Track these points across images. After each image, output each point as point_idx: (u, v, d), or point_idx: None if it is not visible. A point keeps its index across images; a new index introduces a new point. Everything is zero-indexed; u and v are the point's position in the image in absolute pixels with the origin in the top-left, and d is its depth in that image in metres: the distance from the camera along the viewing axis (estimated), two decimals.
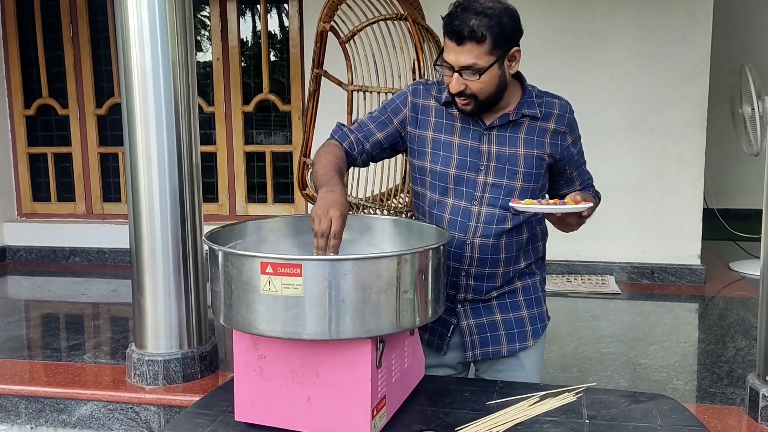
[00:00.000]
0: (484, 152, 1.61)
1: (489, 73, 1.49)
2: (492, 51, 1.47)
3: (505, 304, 1.70)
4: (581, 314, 3.62)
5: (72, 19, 4.93)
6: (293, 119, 4.81)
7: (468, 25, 1.44)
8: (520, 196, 1.61)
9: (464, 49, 1.47)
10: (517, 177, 1.60)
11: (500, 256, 1.65)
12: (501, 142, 1.61)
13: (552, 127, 1.62)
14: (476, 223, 1.62)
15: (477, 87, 1.51)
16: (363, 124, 1.70)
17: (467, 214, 1.62)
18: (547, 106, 1.63)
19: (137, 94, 2.43)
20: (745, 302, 3.76)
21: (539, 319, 1.74)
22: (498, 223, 1.62)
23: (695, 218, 4.14)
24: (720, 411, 2.34)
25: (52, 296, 4.19)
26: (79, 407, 2.53)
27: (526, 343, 1.71)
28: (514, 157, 1.60)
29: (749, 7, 5.15)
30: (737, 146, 4.53)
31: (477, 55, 1.47)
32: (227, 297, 1.31)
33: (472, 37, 1.45)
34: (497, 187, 1.61)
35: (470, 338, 1.70)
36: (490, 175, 1.60)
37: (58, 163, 5.14)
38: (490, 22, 1.45)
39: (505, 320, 1.70)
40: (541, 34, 4.05)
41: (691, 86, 4.05)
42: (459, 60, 1.48)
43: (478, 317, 1.69)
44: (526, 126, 1.61)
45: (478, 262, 1.64)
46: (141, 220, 2.49)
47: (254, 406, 1.37)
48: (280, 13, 4.91)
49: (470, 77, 1.49)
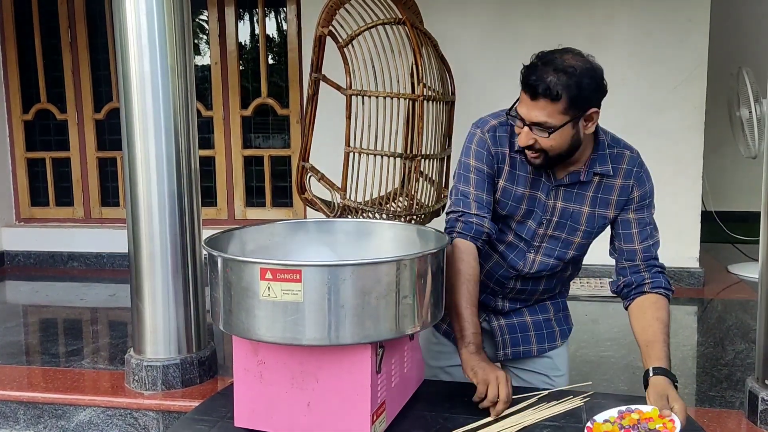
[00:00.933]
0: (549, 206, 1.59)
1: (560, 132, 1.43)
2: (566, 111, 1.40)
3: (534, 308, 1.75)
4: (580, 317, 3.61)
5: (70, 24, 4.93)
6: (292, 123, 4.81)
7: (545, 81, 1.37)
8: (577, 250, 1.64)
9: (537, 105, 1.40)
10: (577, 234, 1.61)
11: (540, 287, 1.71)
12: (567, 198, 1.58)
13: (619, 183, 1.58)
14: (528, 268, 1.65)
15: (547, 144, 1.45)
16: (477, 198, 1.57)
17: (522, 256, 1.65)
18: (616, 160, 1.57)
19: (136, 98, 2.43)
20: (743, 305, 3.76)
21: (565, 321, 1.80)
22: (549, 269, 1.66)
23: (693, 221, 4.14)
24: (719, 414, 2.34)
25: (51, 301, 4.18)
26: (78, 413, 2.53)
27: (555, 344, 1.77)
28: (578, 215, 1.59)
29: (746, 10, 5.16)
30: (735, 149, 4.54)
31: (549, 113, 1.40)
32: (227, 303, 1.30)
33: (546, 94, 1.38)
34: (555, 240, 1.62)
35: (501, 338, 1.74)
36: (551, 228, 1.61)
37: (56, 168, 5.13)
38: (569, 81, 1.38)
39: (534, 321, 1.74)
40: (539, 37, 4.06)
41: (688, 89, 4.05)
42: (531, 115, 1.42)
43: (509, 318, 1.74)
44: (596, 183, 1.57)
45: (518, 292, 1.71)
46: (139, 225, 2.48)
47: (254, 412, 1.36)
48: (278, 17, 4.92)
49: (540, 134, 1.43)
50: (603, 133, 1.59)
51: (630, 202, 1.58)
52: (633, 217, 1.59)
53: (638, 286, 1.59)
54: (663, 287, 1.59)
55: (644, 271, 1.60)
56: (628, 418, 1.34)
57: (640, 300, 1.57)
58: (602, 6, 4.11)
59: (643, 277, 1.59)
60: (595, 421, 1.34)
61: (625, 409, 1.37)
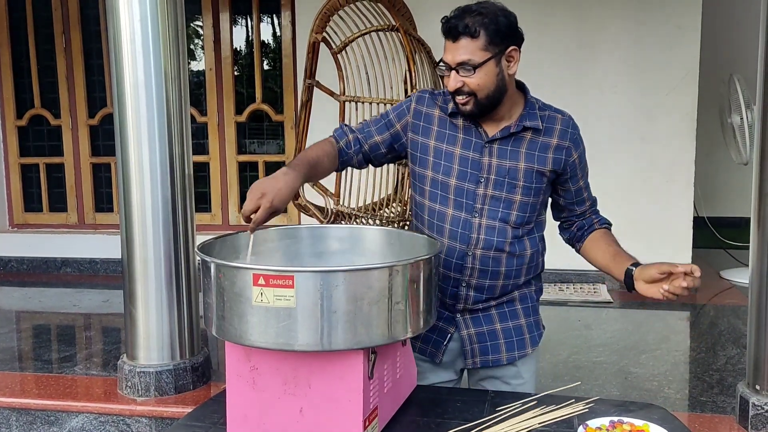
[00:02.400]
0: (484, 165, 1.62)
1: (484, 69, 1.52)
2: (487, 47, 1.51)
3: (504, 313, 1.72)
4: (573, 323, 3.63)
5: (65, 30, 4.93)
6: (286, 129, 4.82)
7: (463, 21, 1.50)
8: (519, 210, 1.63)
9: (459, 45, 1.51)
10: (516, 191, 1.62)
11: (501, 269, 1.66)
12: (502, 155, 1.62)
13: (555, 143, 1.63)
14: (477, 235, 1.63)
15: (474, 83, 1.53)
16: (365, 125, 1.75)
17: (468, 226, 1.63)
18: (549, 120, 1.64)
19: (129, 104, 2.43)
20: (735, 310, 3.78)
21: (536, 327, 1.76)
22: (498, 236, 1.63)
23: (686, 226, 4.17)
24: (711, 420, 2.36)
25: (44, 307, 4.17)
26: (70, 419, 2.52)
27: (525, 351, 1.73)
28: (514, 171, 1.62)
29: (737, 17, 5.20)
30: (727, 155, 4.57)
31: (472, 51, 1.51)
32: (219, 308, 1.31)
33: (466, 32, 1.50)
34: (496, 200, 1.62)
35: (470, 347, 1.71)
36: (490, 188, 1.62)
37: (50, 174, 5.13)
38: (484, 20, 1.50)
39: (504, 329, 1.71)
40: (531, 45, 4.05)
41: (680, 96, 4.09)
42: (455, 57, 1.52)
43: (479, 326, 1.71)
44: (528, 140, 1.63)
45: (479, 274, 1.66)
46: (133, 231, 2.48)
47: (246, 418, 1.37)
48: (273, 24, 4.93)
49: (466, 74, 1.53)
50: (535, 99, 1.68)
51: (573, 164, 1.66)
52: (579, 175, 1.71)
53: (590, 227, 1.76)
54: (608, 223, 1.79)
55: (591, 215, 1.78)
56: (620, 428, 1.34)
57: (593, 235, 1.74)
58: (594, 14, 4.15)
59: (591, 219, 1.78)
60: (588, 426, 1.35)
61: (617, 419, 1.38)
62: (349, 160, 1.71)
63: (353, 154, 1.71)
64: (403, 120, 1.70)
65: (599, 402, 1.52)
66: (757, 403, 2.15)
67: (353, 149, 1.71)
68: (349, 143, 1.71)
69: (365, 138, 1.71)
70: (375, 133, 1.71)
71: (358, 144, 1.71)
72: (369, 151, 1.72)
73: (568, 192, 1.72)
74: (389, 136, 1.71)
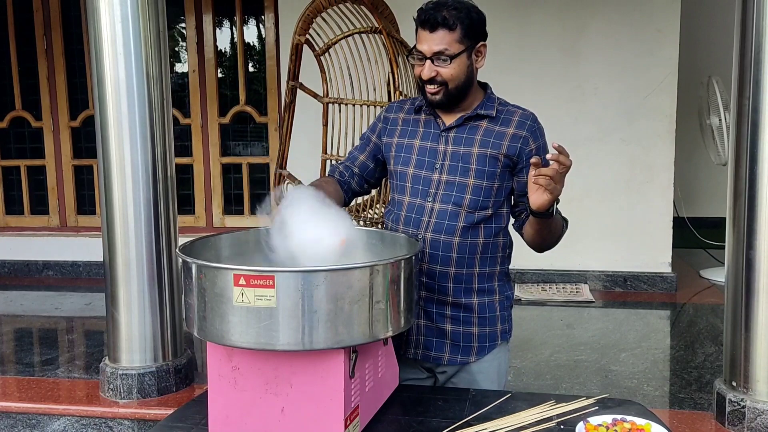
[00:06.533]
0: (440, 152, 1.69)
1: (458, 60, 1.59)
2: (462, 40, 1.59)
3: (458, 317, 1.71)
4: (556, 322, 3.66)
5: (46, 31, 4.90)
6: (270, 131, 4.82)
7: (441, 13, 1.57)
8: (473, 194, 1.65)
9: (436, 36, 1.58)
10: (468, 174, 1.66)
11: (452, 254, 1.66)
12: (457, 142, 1.69)
13: (511, 132, 1.67)
14: (428, 219, 1.67)
15: (448, 74, 1.60)
16: (350, 152, 1.87)
17: (421, 210, 1.69)
18: (507, 113, 1.70)
19: (111, 105, 2.42)
20: (714, 309, 3.84)
21: (489, 338, 1.73)
22: (450, 219, 1.66)
23: (666, 227, 4.22)
24: (689, 416, 2.39)
25: (25, 310, 4.13)
26: (52, 422, 2.50)
27: (468, 359, 1.72)
28: (467, 156, 1.67)
29: (716, 21, 5.28)
30: (706, 156, 4.64)
31: (449, 42, 1.58)
32: (201, 309, 1.31)
33: (444, 23, 1.57)
34: (450, 184, 1.67)
35: (416, 337, 1.72)
36: (444, 173, 1.68)
37: (31, 176, 5.08)
38: (460, 14, 1.58)
39: (453, 332, 1.71)
40: (512, 48, 4.12)
41: (659, 98, 4.14)
42: (432, 47, 1.58)
43: (429, 320, 1.71)
44: (484, 128, 1.68)
45: (429, 259, 1.67)
46: (115, 233, 2.47)
47: (228, 418, 1.37)
48: (257, 25, 4.93)
49: (441, 63, 1.59)
50: (497, 97, 1.73)
51: (529, 154, 1.66)
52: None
53: None
54: None
55: None
56: (621, 426, 1.35)
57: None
58: (574, 18, 4.19)
59: None
60: (588, 422, 1.36)
61: (620, 417, 1.38)
62: (349, 188, 1.82)
63: (349, 179, 1.82)
64: (377, 130, 1.81)
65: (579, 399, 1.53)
66: (734, 399, 2.19)
67: (347, 176, 1.82)
68: (342, 173, 1.82)
69: (352, 162, 1.83)
70: (358, 154, 1.83)
71: (348, 170, 1.83)
72: (360, 172, 1.83)
73: (519, 183, 1.70)
74: (370, 150, 1.82)
